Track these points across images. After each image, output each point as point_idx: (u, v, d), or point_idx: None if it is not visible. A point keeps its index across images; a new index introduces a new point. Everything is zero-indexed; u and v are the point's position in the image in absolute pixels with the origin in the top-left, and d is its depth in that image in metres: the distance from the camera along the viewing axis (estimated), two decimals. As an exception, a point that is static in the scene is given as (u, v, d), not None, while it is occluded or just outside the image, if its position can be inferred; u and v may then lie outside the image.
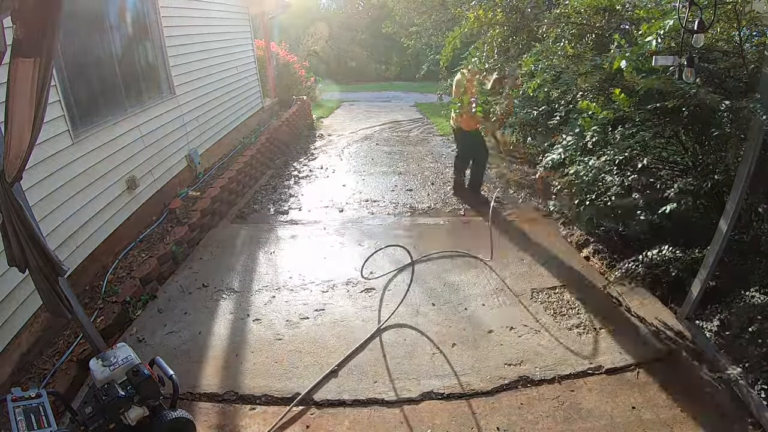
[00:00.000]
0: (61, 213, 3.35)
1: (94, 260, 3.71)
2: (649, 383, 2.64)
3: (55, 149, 3.34)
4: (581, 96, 3.99)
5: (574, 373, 2.73)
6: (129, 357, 2.19)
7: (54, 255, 2.19)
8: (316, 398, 2.61)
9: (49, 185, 3.25)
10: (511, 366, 2.81)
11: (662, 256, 3.11)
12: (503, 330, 3.14)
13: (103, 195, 3.86)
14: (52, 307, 2.27)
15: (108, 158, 3.96)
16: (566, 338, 3.03)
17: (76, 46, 3.77)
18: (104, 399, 2.03)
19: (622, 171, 3.58)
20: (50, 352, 2.93)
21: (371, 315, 3.35)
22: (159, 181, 4.85)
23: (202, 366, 2.88)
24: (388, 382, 2.71)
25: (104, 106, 4.09)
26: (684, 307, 3.11)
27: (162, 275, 3.86)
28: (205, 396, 2.65)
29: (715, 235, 2.81)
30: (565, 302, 3.42)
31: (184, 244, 4.26)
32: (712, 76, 3.22)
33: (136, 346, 2.95)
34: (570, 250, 4.21)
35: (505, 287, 3.62)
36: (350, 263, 4.05)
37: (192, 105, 5.80)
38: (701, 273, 2.93)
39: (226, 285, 3.77)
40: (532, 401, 2.55)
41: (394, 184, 6.20)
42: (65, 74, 3.51)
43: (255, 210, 5.43)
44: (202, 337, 3.15)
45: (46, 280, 2.19)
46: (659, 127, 3.16)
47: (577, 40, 4.34)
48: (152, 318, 3.36)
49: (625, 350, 2.90)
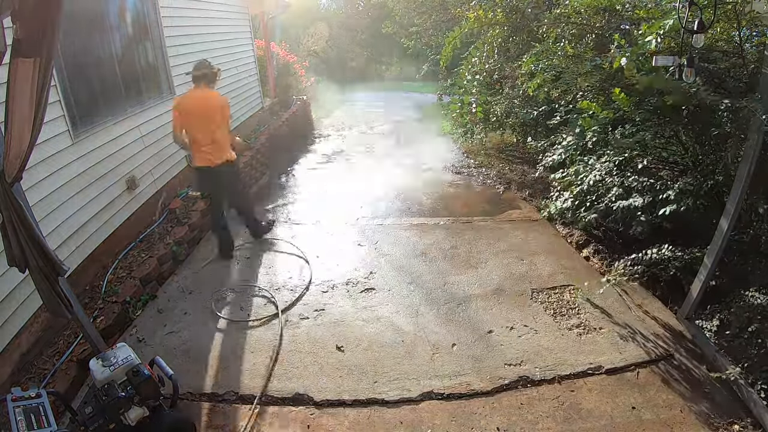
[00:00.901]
0: (61, 213, 3.34)
1: (94, 260, 3.71)
2: (649, 383, 2.64)
3: (55, 149, 3.34)
4: (581, 96, 4.00)
5: (574, 373, 2.73)
6: (129, 357, 2.19)
7: (54, 255, 2.19)
8: (316, 398, 2.61)
9: (49, 185, 3.25)
10: (511, 366, 2.81)
11: (662, 255, 3.12)
12: (503, 330, 3.14)
13: (103, 195, 3.86)
14: (52, 307, 2.27)
15: (108, 158, 3.96)
16: (566, 338, 3.03)
17: (76, 46, 3.77)
18: (104, 399, 2.03)
19: (622, 171, 3.58)
20: (50, 352, 2.93)
21: (370, 315, 3.35)
22: (159, 181, 4.85)
23: (202, 366, 2.88)
24: (388, 381, 2.72)
25: (104, 106, 4.09)
26: (684, 307, 3.11)
27: (162, 275, 3.86)
28: (205, 396, 2.65)
29: (715, 234, 2.81)
30: (565, 302, 3.42)
31: (184, 244, 4.26)
32: (712, 76, 3.22)
33: (136, 346, 2.95)
34: (570, 250, 4.21)
35: (504, 287, 3.62)
36: (349, 265, 4.06)
37: (192, 105, 5.79)
38: (701, 273, 2.93)
39: (227, 285, 3.77)
40: (532, 401, 2.55)
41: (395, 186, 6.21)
42: (65, 74, 3.51)
43: (255, 210, 5.42)
44: (201, 337, 3.15)
45: (46, 280, 2.19)
46: (659, 127, 3.17)
47: (577, 40, 4.35)
48: (152, 318, 3.36)
49: (625, 350, 2.90)
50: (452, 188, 5.99)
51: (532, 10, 5.75)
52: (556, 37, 4.42)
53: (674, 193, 3.10)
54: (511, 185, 5.88)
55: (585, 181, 3.64)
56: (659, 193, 3.20)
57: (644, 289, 3.46)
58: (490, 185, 6.02)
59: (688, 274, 3.11)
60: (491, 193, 5.76)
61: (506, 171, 6.47)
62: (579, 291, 3.51)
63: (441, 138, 8.81)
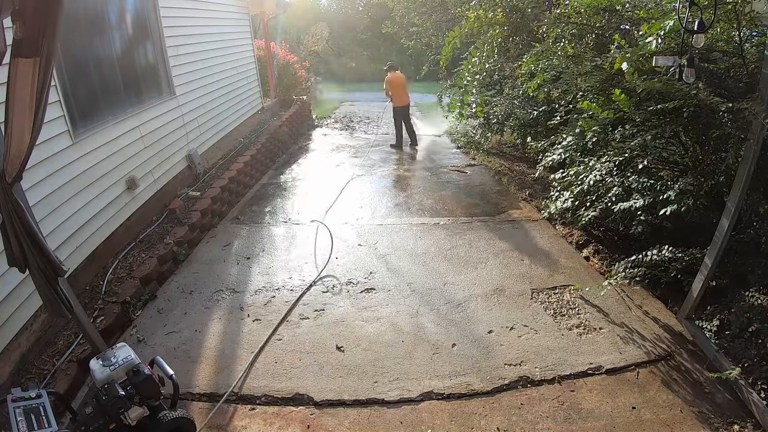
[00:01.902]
0: (61, 213, 3.35)
1: (94, 260, 3.71)
2: (649, 383, 2.64)
3: (55, 149, 3.34)
4: (581, 96, 4.00)
5: (574, 373, 2.73)
6: (129, 357, 2.19)
7: (54, 255, 2.19)
8: (316, 398, 2.61)
9: (49, 185, 3.25)
10: (511, 366, 2.81)
11: (662, 255, 3.11)
12: (503, 330, 3.14)
13: (103, 195, 3.86)
14: (52, 307, 2.27)
15: (108, 159, 3.97)
16: (566, 338, 3.03)
17: (76, 46, 3.78)
18: (104, 399, 2.03)
19: (622, 172, 3.58)
20: (50, 352, 2.93)
21: (371, 315, 3.35)
22: (159, 181, 4.86)
23: (202, 366, 2.88)
24: (388, 381, 2.72)
25: (104, 106, 4.09)
26: (684, 307, 3.11)
27: (162, 275, 3.87)
28: (205, 396, 2.65)
29: (716, 234, 2.81)
30: (565, 302, 3.42)
31: (184, 244, 4.26)
32: (713, 76, 3.22)
33: (136, 346, 2.95)
34: (570, 250, 4.21)
35: (504, 287, 3.62)
36: (350, 265, 4.06)
37: (192, 105, 5.80)
38: (701, 273, 2.93)
39: (226, 285, 3.77)
40: (532, 401, 2.55)
41: (396, 186, 6.20)
42: (65, 74, 3.51)
43: (255, 211, 5.43)
44: (201, 337, 3.15)
45: (46, 280, 2.19)
46: (660, 128, 3.16)
47: (577, 40, 4.35)
48: (152, 318, 3.36)
49: (625, 350, 2.90)
50: (452, 188, 5.99)
51: (532, 10, 5.76)
52: (556, 37, 4.42)
53: (674, 194, 3.09)
54: (511, 185, 5.88)
55: (585, 181, 3.63)
56: (659, 194, 3.20)
57: (644, 289, 3.46)
58: (490, 185, 6.02)
59: (689, 274, 3.11)
60: (491, 192, 5.75)
61: (506, 170, 6.46)
62: (579, 291, 3.51)
63: (440, 139, 8.82)
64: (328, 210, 5.32)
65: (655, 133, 3.28)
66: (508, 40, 5.95)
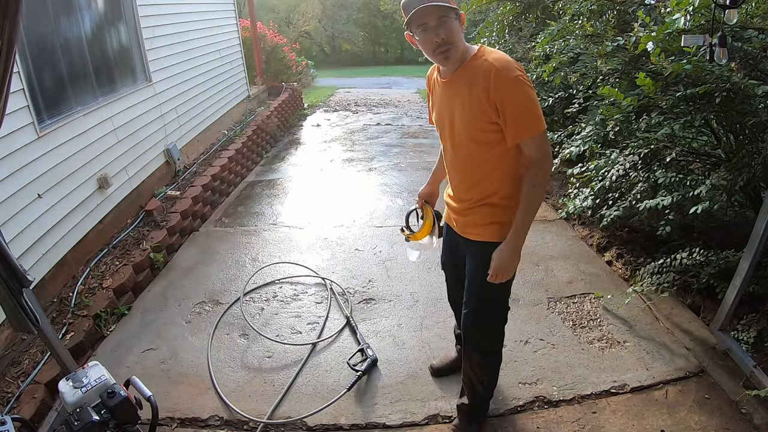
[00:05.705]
0: (25, 216, 3.33)
1: (63, 269, 3.71)
2: (679, 403, 2.63)
3: (19, 144, 3.32)
4: (602, 81, 3.97)
5: (596, 392, 2.72)
6: (102, 377, 2.17)
7: (18, 264, 2.17)
8: (309, 423, 2.60)
9: (12, 185, 3.24)
10: (525, 385, 2.80)
11: (693, 259, 3.10)
12: (516, 344, 3.13)
13: (71, 196, 3.85)
14: (16, 323, 2.26)
15: (77, 154, 3.95)
16: (587, 353, 3.02)
17: (41, 28, 3.76)
18: (76, 424, 2.01)
19: (648, 165, 3.56)
20: (14, 372, 2.92)
21: (370, 328, 3.34)
22: (134, 179, 4.85)
23: (182, 387, 2.87)
24: (389, 403, 2.71)
25: (73, 95, 4.07)
26: (717, 317, 3.10)
27: (138, 285, 3.86)
28: (188, 420, 2.64)
29: (752, 235, 2.79)
30: (586, 313, 3.41)
31: (162, 251, 4.25)
32: (747, 56, 3.20)
33: (109, 365, 2.93)
34: (590, 253, 4.20)
35: (518, 296, 3.61)
36: (346, 272, 4.05)
37: (170, 93, 5.79)
38: (736, 278, 2.91)
39: (209, 296, 3.76)
40: (549, 424, 2.55)
41: (396, 185, 6.19)
42: (29, 60, 3.49)
43: (240, 212, 5.42)
44: (182, 354, 3.14)
45: (9, 292, 2.17)
46: (689, 116, 3.14)
47: (597, 17, 4.31)
48: (127, 333, 3.35)
49: (652, 366, 2.89)
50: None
51: (547, -16, 5.72)
52: (574, 13, 4.38)
53: (706, 189, 3.07)
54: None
55: (607, 176, 3.62)
56: (690, 190, 3.18)
57: (673, 297, 3.45)
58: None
59: (723, 280, 3.09)
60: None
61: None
62: (601, 300, 3.50)
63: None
64: (322, 210, 5.31)
65: (683, 121, 3.26)
66: (521, 18, 5.92)
